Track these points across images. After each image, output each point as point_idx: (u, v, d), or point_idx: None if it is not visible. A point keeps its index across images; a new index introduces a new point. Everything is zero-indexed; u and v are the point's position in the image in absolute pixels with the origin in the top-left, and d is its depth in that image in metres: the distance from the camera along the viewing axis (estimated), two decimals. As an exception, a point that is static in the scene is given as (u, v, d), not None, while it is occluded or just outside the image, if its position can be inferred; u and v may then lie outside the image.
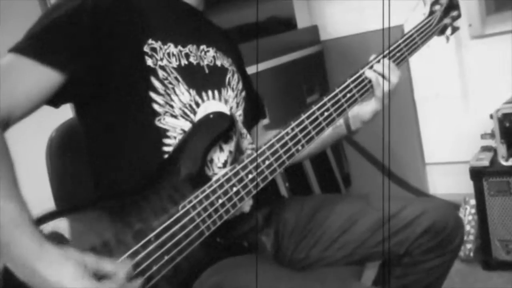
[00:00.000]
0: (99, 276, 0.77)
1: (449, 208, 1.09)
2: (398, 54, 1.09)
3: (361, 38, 2.31)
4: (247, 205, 1.01)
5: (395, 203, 1.09)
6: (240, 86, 1.10)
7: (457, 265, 1.84)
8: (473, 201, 1.97)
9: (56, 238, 0.81)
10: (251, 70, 2.04)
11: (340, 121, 1.13)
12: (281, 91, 2.20)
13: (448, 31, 1.22)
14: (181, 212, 0.88)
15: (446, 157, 2.36)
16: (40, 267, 0.73)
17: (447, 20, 1.20)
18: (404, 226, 1.05)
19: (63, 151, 1.11)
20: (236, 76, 1.10)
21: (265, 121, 2.06)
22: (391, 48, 1.09)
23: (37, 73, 0.84)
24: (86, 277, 0.74)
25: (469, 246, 1.99)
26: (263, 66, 2.13)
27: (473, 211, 1.99)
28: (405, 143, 2.42)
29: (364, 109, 1.10)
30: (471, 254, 1.99)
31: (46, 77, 0.85)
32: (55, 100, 0.89)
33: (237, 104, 1.07)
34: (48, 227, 0.82)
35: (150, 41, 0.94)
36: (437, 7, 1.19)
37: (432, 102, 2.33)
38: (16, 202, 0.75)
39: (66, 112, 1.02)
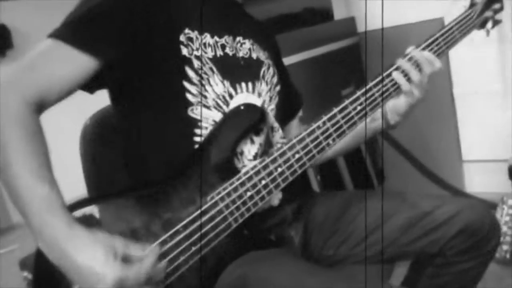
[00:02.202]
0: (127, 261, 0.78)
1: (485, 208, 1.05)
2: (435, 48, 1.06)
3: (400, 30, 2.25)
4: (276, 198, 1.00)
5: (429, 201, 1.06)
6: (275, 80, 1.09)
7: (492, 266, 1.79)
8: (511, 201, 1.91)
9: (88, 221, 0.83)
10: (285, 61, 2.03)
11: (378, 115, 1.10)
12: (316, 83, 2.17)
13: (489, 24, 1.17)
14: (210, 203, 0.88)
15: (484, 154, 2.29)
16: (70, 250, 0.75)
17: (488, 13, 1.15)
18: (438, 225, 1.02)
19: (97, 139, 1.12)
20: (271, 69, 1.09)
21: (299, 113, 2.05)
22: (428, 41, 1.05)
23: (73, 58, 0.85)
24: (115, 261, 0.75)
25: (505, 247, 1.92)
26: (298, 57, 2.11)
27: (511, 211, 1.92)
28: (442, 139, 2.36)
29: (400, 101, 1.06)
30: (508, 255, 1.92)
31: (82, 63, 0.86)
32: (90, 85, 0.90)
33: (270, 98, 1.06)
34: (80, 212, 0.83)
35: (186, 30, 0.94)
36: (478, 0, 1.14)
37: (471, 98, 2.26)
38: (48, 185, 0.77)
39: (101, 100, 1.03)
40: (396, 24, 2.30)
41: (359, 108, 0.99)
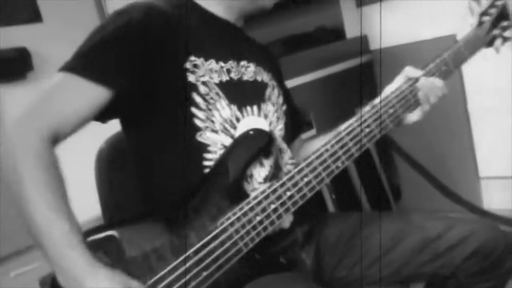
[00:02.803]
0: None
1: (498, 230, 1.04)
2: (443, 68, 1.06)
3: (413, 47, 2.26)
4: (287, 221, 1.00)
5: (441, 223, 1.06)
6: (281, 100, 1.10)
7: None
8: (530, 218, 1.87)
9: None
10: (297, 81, 2.05)
11: None
12: (329, 102, 2.18)
13: (498, 41, 1.16)
14: (220, 228, 0.89)
15: (502, 171, 2.26)
16: (88, 285, 0.77)
17: (496, 31, 1.15)
18: (450, 247, 1.01)
19: (112, 163, 1.15)
20: (276, 90, 1.10)
21: (312, 132, 2.05)
22: (436, 61, 1.06)
23: (86, 90, 0.88)
24: None
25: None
26: (311, 77, 2.13)
27: (531, 228, 1.88)
28: (458, 156, 2.33)
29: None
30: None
31: (95, 94, 0.88)
32: (102, 116, 0.93)
33: (277, 118, 1.07)
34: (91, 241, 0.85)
35: (192, 57, 0.96)
36: (486, 18, 1.14)
37: (487, 114, 2.23)
38: (66, 218, 0.79)
39: (116, 124, 1.05)
40: (410, 41, 2.31)
41: (367, 130, 0.99)
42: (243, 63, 1.05)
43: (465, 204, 2.29)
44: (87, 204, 1.17)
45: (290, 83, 1.98)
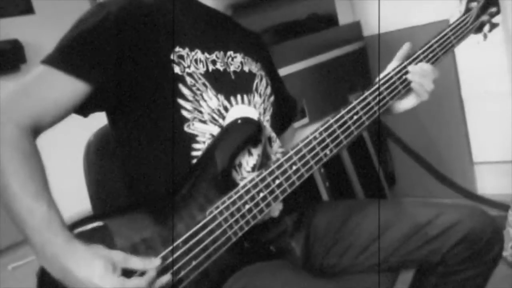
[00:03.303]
0: (128, 274, 0.81)
1: (487, 216, 1.04)
2: (430, 55, 1.05)
3: (406, 33, 2.25)
4: (276, 210, 1.01)
5: (430, 210, 1.06)
6: (268, 91, 1.10)
7: (505, 270, 1.77)
8: (524, 203, 1.87)
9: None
10: (289, 69, 2.04)
11: None
12: (322, 90, 2.18)
13: (486, 28, 1.16)
14: (208, 218, 0.89)
15: (495, 156, 2.27)
16: (71, 265, 0.78)
17: (484, 17, 1.14)
18: (439, 234, 1.01)
19: (100, 155, 1.14)
20: (264, 81, 1.10)
21: (305, 120, 2.05)
22: (423, 48, 1.05)
23: (65, 83, 0.88)
24: (115, 274, 0.79)
25: (518, 249, 1.90)
26: (303, 64, 2.12)
27: (524, 213, 1.89)
28: (452, 142, 2.34)
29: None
30: (521, 258, 1.90)
31: (74, 87, 0.89)
32: (83, 109, 0.93)
33: (264, 110, 1.06)
34: (80, 232, 0.85)
35: (177, 48, 0.95)
36: (473, 4, 1.13)
37: (481, 99, 2.24)
38: (46, 204, 0.80)
39: (104, 117, 1.05)
40: (403, 26, 2.30)
41: (355, 117, 0.99)
42: (229, 53, 1.04)
43: (459, 189, 2.30)
44: (77, 198, 1.18)
45: (282, 71, 1.98)
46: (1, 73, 3.12)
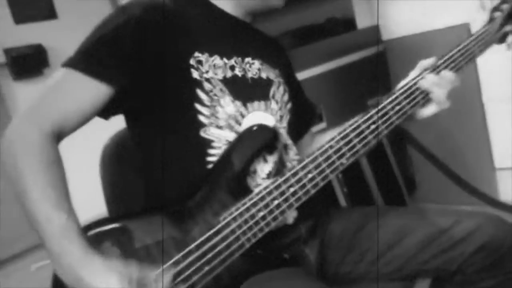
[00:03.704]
0: (143, 286, 0.80)
1: (505, 224, 1.02)
2: (452, 65, 1.03)
3: (425, 37, 2.22)
4: (290, 217, 1.00)
5: (448, 217, 1.04)
6: (286, 98, 1.09)
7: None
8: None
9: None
10: (307, 74, 2.03)
11: None
12: (341, 94, 2.17)
13: (510, 38, 1.13)
14: (222, 223, 0.89)
15: (518, 162, 2.22)
16: (86, 276, 0.78)
17: (508, 27, 1.11)
18: (457, 242, 1.00)
19: (116, 160, 1.16)
20: (281, 88, 1.09)
21: (322, 125, 2.04)
22: (445, 58, 1.03)
23: (87, 86, 0.89)
24: (130, 286, 0.78)
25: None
26: (321, 68, 2.11)
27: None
28: (473, 148, 2.30)
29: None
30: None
31: (96, 90, 0.89)
32: (105, 112, 0.93)
33: (281, 117, 1.06)
34: (94, 234, 0.86)
35: (196, 53, 0.96)
36: (497, 14, 1.10)
37: (502, 104, 2.19)
38: (65, 212, 0.80)
39: (121, 121, 1.06)
40: (422, 30, 2.27)
41: (372, 127, 0.98)
42: (247, 59, 1.04)
43: (481, 195, 2.26)
44: (93, 202, 1.19)
45: (300, 76, 1.96)
46: (25, 77, 3.18)
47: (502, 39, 1.13)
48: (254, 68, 1.04)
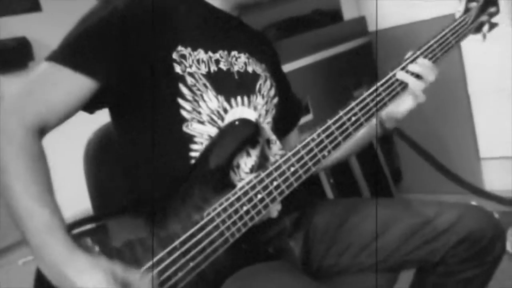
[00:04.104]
0: (127, 285, 0.80)
1: (488, 215, 1.03)
2: (430, 55, 1.05)
3: (411, 28, 2.23)
4: (274, 211, 1.00)
5: (430, 209, 1.05)
6: (272, 92, 1.09)
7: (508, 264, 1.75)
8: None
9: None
10: (294, 65, 2.03)
11: (373, 121, 1.10)
12: (327, 86, 2.17)
13: (485, 28, 1.14)
14: (206, 219, 0.89)
15: (502, 151, 2.24)
16: (70, 273, 0.77)
17: (484, 17, 1.13)
18: (439, 233, 1.01)
19: (100, 154, 1.15)
20: (268, 82, 1.09)
21: (309, 116, 2.04)
22: (423, 49, 1.04)
23: (71, 80, 0.87)
24: (113, 286, 0.77)
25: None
26: (308, 60, 2.11)
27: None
28: (459, 138, 2.32)
29: (398, 109, 1.07)
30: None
31: (80, 84, 0.88)
32: (89, 106, 0.92)
33: (266, 111, 1.06)
34: (79, 232, 0.86)
35: (179, 47, 0.95)
36: (473, 4, 1.12)
37: (488, 95, 2.21)
38: (49, 208, 0.79)
39: (105, 116, 1.05)
40: (408, 21, 2.28)
41: (353, 119, 0.98)
42: (233, 53, 1.03)
43: (466, 185, 2.28)
44: (77, 197, 1.18)
45: (287, 67, 1.97)
46: (9, 70, 3.13)
47: (478, 29, 1.14)
48: (240, 62, 1.04)
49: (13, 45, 3.12)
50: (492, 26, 1.15)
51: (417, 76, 1.02)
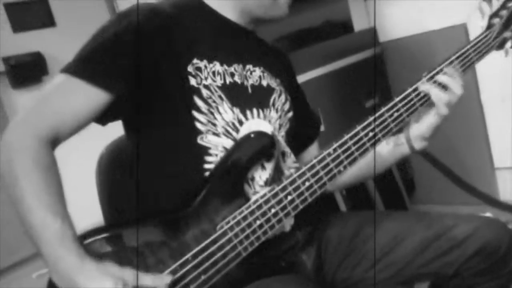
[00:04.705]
0: None
1: (503, 227, 1.02)
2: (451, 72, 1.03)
3: (422, 38, 2.22)
4: (287, 225, 1.00)
5: (444, 221, 1.04)
6: (286, 107, 1.09)
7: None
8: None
9: (98, 253, 0.85)
10: (305, 77, 2.03)
11: (401, 140, 1.09)
12: (338, 97, 2.16)
13: (509, 44, 1.12)
14: (219, 232, 0.90)
15: (517, 161, 2.22)
16: (81, 281, 0.78)
17: (507, 34, 1.10)
18: (454, 246, 1.00)
19: (113, 168, 1.16)
20: (283, 96, 1.09)
21: (321, 128, 2.04)
22: (442, 65, 1.03)
23: (85, 93, 0.88)
24: None
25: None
26: (319, 72, 2.11)
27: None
28: (472, 147, 2.29)
29: (423, 127, 1.05)
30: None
31: (94, 97, 0.89)
32: (102, 118, 0.93)
33: (280, 125, 1.06)
34: (91, 243, 0.86)
35: (195, 60, 0.95)
36: (496, 20, 1.09)
37: (501, 104, 2.19)
38: (60, 219, 0.80)
39: (118, 129, 1.06)
40: (419, 32, 2.27)
41: (371, 134, 0.98)
42: (248, 66, 1.04)
43: (480, 195, 2.26)
44: (89, 209, 1.19)
45: (298, 79, 1.98)
46: (24, 85, 3.18)
47: (500, 45, 1.12)
48: (255, 75, 1.04)
49: (27, 60, 3.17)
50: (517, 42, 1.13)
51: (443, 87, 1.01)
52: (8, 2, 3.16)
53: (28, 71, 3.18)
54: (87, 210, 1.24)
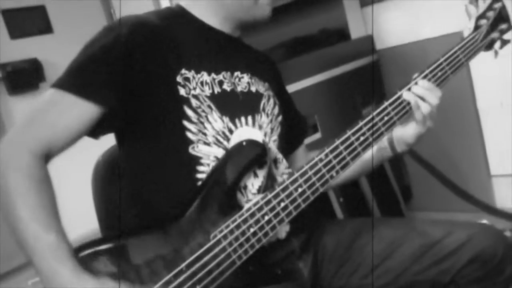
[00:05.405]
0: None
1: (498, 235, 1.02)
2: (439, 74, 1.04)
3: (418, 45, 2.23)
4: (283, 231, 1.00)
5: (439, 228, 1.04)
6: (276, 111, 1.10)
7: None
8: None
9: (92, 267, 0.85)
10: (301, 84, 2.04)
11: (385, 143, 1.09)
12: (335, 104, 2.17)
13: (497, 45, 1.14)
14: (212, 241, 0.89)
15: (514, 168, 2.22)
16: None
17: (494, 34, 1.12)
18: (449, 254, 0.99)
19: (108, 176, 1.16)
20: (271, 101, 1.09)
21: (317, 135, 2.04)
22: (432, 67, 1.04)
23: (76, 107, 0.89)
24: None
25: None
26: (315, 79, 2.11)
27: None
28: (469, 154, 2.29)
29: (408, 132, 1.06)
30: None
31: (85, 110, 0.90)
32: (94, 132, 0.94)
33: (272, 130, 1.06)
34: (85, 256, 0.86)
35: (183, 71, 0.96)
36: (483, 21, 1.11)
37: (497, 111, 2.19)
38: (54, 233, 0.81)
39: (113, 138, 1.06)
40: (415, 40, 2.28)
41: (362, 138, 0.98)
42: (236, 73, 1.04)
43: (477, 203, 2.25)
44: (85, 217, 1.19)
45: (294, 86, 1.98)
46: (21, 91, 3.19)
47: (489, 46, 1.13)
48: (243, 82, 1.05)
49: (25, 67, 3.18)
50: (504, 42, 1.14)
51: (421, 98, 1.02)
52: (5, 8, 3.17)
53: (25, 77, 3.18)
54: (83, 218, 1.23)
